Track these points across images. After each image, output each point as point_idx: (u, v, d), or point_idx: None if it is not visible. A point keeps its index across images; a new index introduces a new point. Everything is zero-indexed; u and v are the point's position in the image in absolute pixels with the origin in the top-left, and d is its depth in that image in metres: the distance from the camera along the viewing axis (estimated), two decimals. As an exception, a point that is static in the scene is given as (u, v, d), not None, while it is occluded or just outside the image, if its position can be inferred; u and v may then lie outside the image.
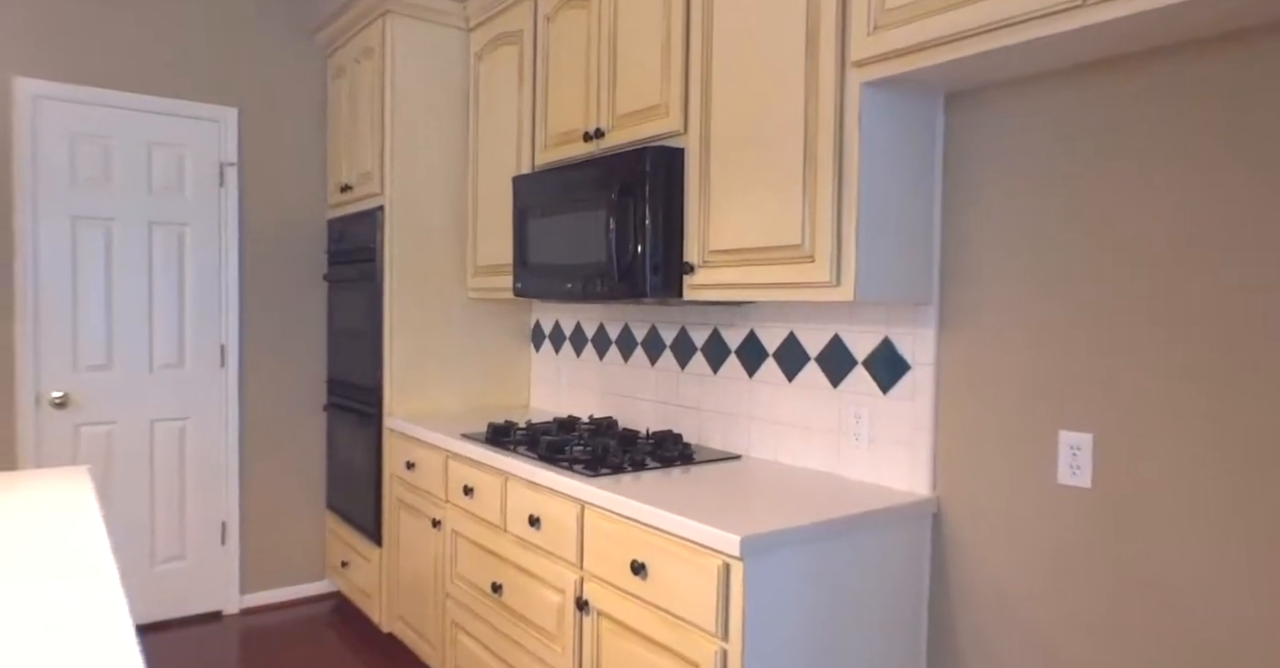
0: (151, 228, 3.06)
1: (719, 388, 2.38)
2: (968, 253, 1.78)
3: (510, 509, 2.18)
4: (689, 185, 2.03)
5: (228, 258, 3.19)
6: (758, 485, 1.91)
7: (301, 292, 3.37)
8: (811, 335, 2.11)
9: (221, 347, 3.19)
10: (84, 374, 2.93)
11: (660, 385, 2.60)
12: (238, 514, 3.21)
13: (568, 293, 2.30)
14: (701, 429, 2.44)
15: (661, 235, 2.04)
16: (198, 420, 3.14)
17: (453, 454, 2.49)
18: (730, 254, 1.91)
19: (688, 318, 2.49)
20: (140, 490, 3.03)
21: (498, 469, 2.25)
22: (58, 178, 2.88)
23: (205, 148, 3.15)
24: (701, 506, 1.70)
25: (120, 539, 3.00)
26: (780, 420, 2.19)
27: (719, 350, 2.38)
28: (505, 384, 3.16)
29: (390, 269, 2.89)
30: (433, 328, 2.97)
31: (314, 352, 3.40)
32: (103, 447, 2.96)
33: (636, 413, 2.69)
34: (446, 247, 3.00)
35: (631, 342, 2.72)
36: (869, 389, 1.97)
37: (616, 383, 2.78)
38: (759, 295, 1.85)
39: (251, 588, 3.26)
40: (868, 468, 1.97)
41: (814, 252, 1.71)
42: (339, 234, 3.27)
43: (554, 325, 3.11)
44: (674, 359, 2.55)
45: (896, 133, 1.72)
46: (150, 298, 3.05)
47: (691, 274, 2.02)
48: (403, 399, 2.92)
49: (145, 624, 3.07)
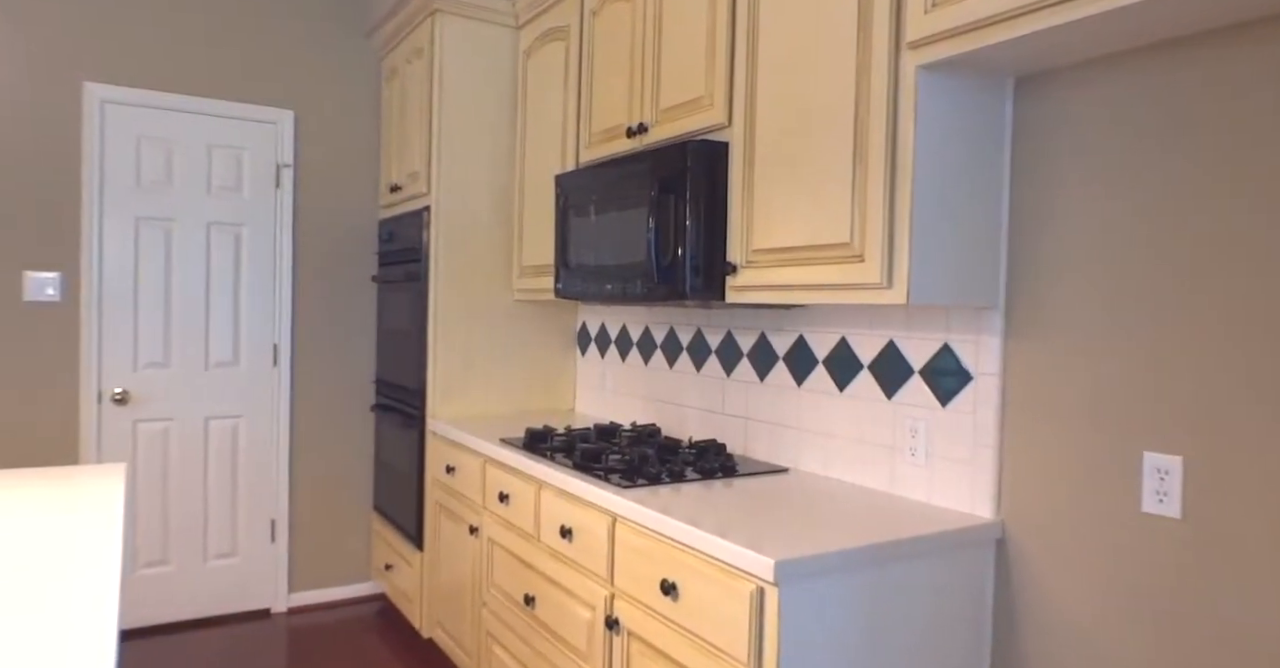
0: (210, 228, 3.11)
1: (766, 396, 2.25)
2: (1040, 253, 1.61)
3: (543, 518, 2.10)
4: (732, 181, 1.91)
5: (282, 258, 3.22)
6: (803, 503, 1.77)
7: (352, 292, 3.38)
8: (864, 342, 1.96)
9: (274, 346, 3.22)
10: (143, 371, 2.99)
11: (705, 392, 2.48)
12: (287, 513, 3.24)
13: (608, 294, 2.21)
14: (747, 439, 2.31)
15: (703, 234, 1.93)
16: (250, 418, 3.18)
17: (490, 460, 2.42)
18: (775, 253, 1.78)
19: (734, 322, 2.37)
20: (194, 486, 3.08)
21: (531, 477, 2.18)
22: (123, 180, 2.95)
23: (262, 149, 3.19)
24: (739, 523, 1.58)
25: (175, 534, 3.05)
26: (830, 432, 2.04)
27: (766, 356, 2.25)
28: (550, 388, 3.09)
29: (436, 269, 2.86)
30: (478, 329, 2.93)
31: (364, 352, 3.41)
32: (159, 443, 3.02)
33: (681, 420, 2.58)
34: (493, 247, 2.95)
35: (676, 346, 2.61)
36: (926, 401, 1.81)
37: (661, 389, 2.68)
38: (806, 297, 1.71)
39: (299, 587, 3.28)
40: (924, 487, 1.81)
41: (864, 250, 1.57)
42: (389, 235, 3.26)
43: (600, 328, 3.02)
44: (719, 365, 2.43)
45: (957, 121, 1.57)
46: (207, 297, 3.10)
47: (734, 275, 1.90)
48: (446, 402, 2.88)
49: (197, 620, 3.11)
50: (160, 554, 3.03)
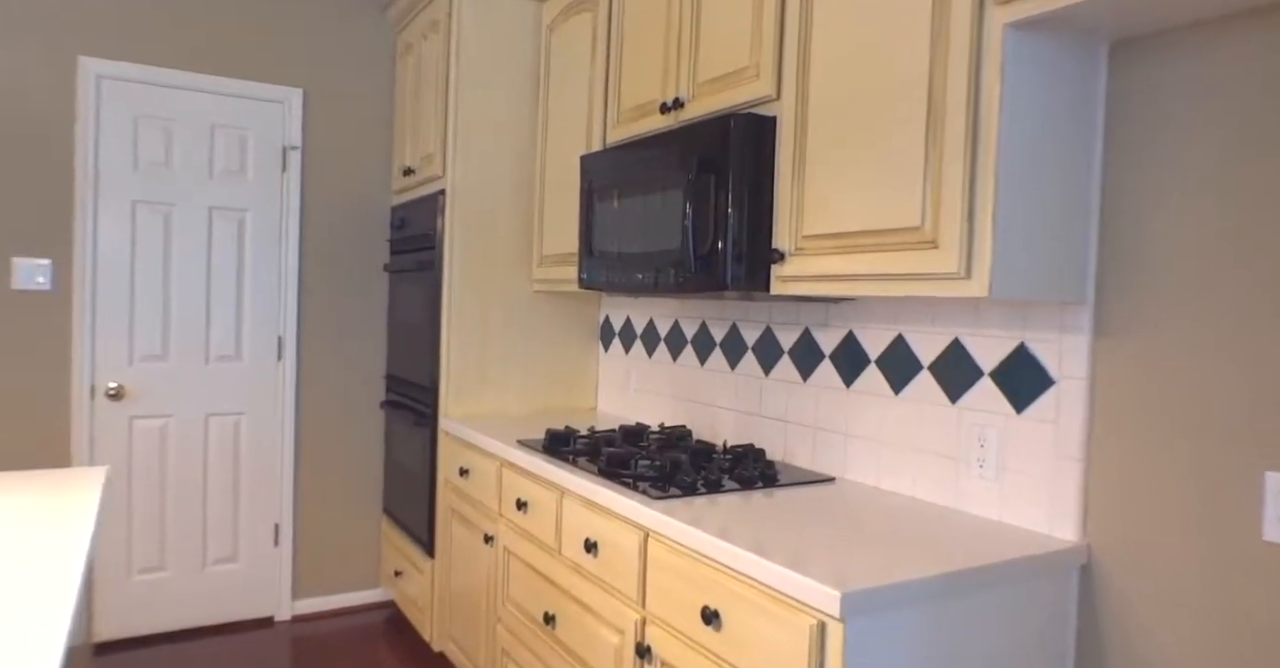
0: (212, 214, 2.94)
1: (809, 398, 2.06)
2: (1141, 241, 1.41)
3: (566, 530, 1.92)
4: (781, 159, 1.72)
5: (288, 246, 3.05)
6: (856, 518, 1.58)
7: (362, 282, 3.21)
8: (925, 340, 1.77)
9: (279, 339, 3.06)
10: (139, 365, 2.83)
11: (741, 393, 2.29)
12: (291, 515, 3.07)
13: (638, 285, 2.02)
14: (788, 444, 2.12)
15: (747, 218, 1.74)
16: (253, 415, 3.01)
17: (507, 463, 2.24)
18: (830, 240, 1.59)
19: (774, 316, 2.18)
20: (193, 487, 2.92)
21: (553, 483, 1.99)
22: (119, 161, 2.78)
23: (268, 130, 3.02)
24: (790, 543, 1.39)
25: (172, 538, 2.89)
26: (883, 439, 1.85)
27: (810, 355, 2.06)
28: (571, 386, 2.91)
29: (450, 258, 2.68)
30: (494, 322, 2.75)
31: (374, 346, 3.24)
32: (156, 441, 2.86)
33: (713, 422, 2.39)
34: (512, 234, 2.77)
35: (709, 342, 2.42)
36: (998, 407, 1.61)
37: (691, 388, 2.49)
38: (865, 290, 1.52)
39: (304, 594, 3.11)
40: (993, 503, 1.61)
41: (937, 236, 1.38)
42: (401, 221, 3.09)
43: (624, 322, 2.84)
44: (757, 363, 2.23)
45: (1046, 90, 1.37)
46: (208, 287, 2.94)
47: (781, 263, 1.71)
48: (459, 399, 2.70)
49: (196, 628, 2.95)
50: (157, 560, 2.87)
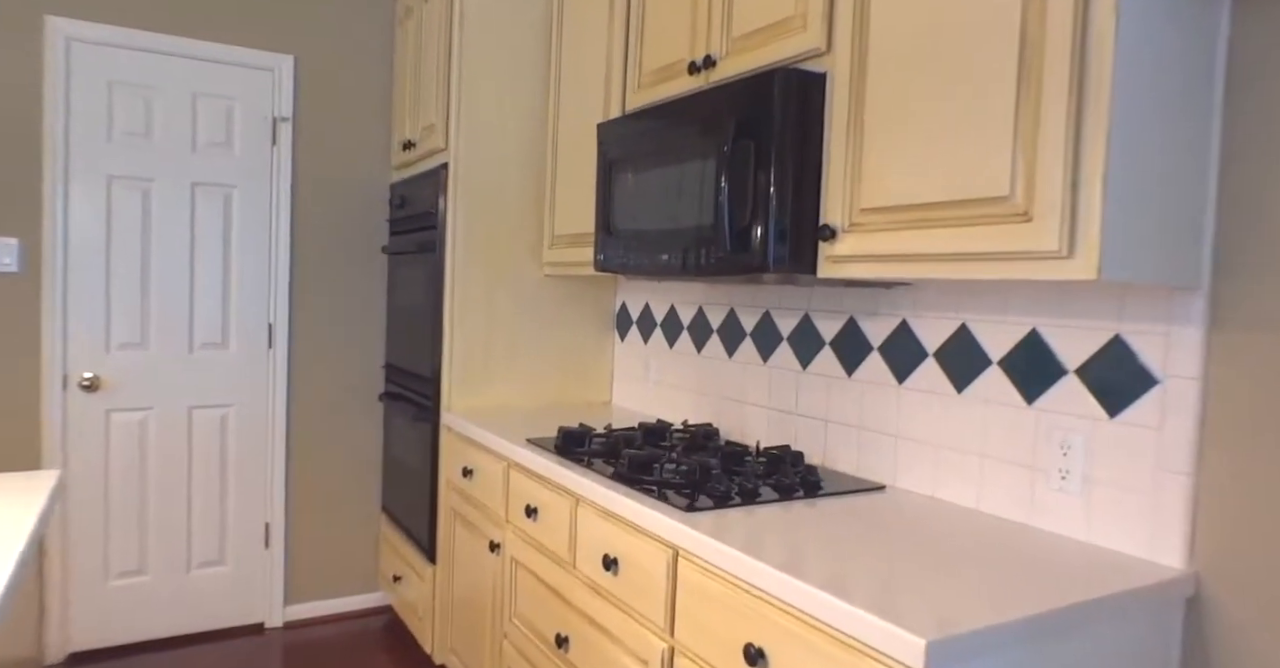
0: (195, 190, 2.72)
1: (854, 395, 1.84)
2: (1265, 216, 1.18)
3: (581, 542, 1.71)
4: (832, 121, 1.48)
5: (278, 225, 2.83)
6: (918, 537, 1.36)
7: (360, 265, 2.99)
8: (994, 330, 1.54)
9: (269, 326, 2.84)
10: (116, 354, 2.62)
11: (774, 387, 2.07)
12: (283, 515, 2.87)
13: (663, 267, 1.79)
14: (828, 447, 1.90)
15: (790, 190, 1.51)
16: (241, 408, 2.81)
17: (514, 464, 2.03)
18: (892, 213, 1.36)
19: (814, 303, 1.95)
20: (176, 485, 2.72)
21: (566, 489, 1.78)
22: (92, 132, 2.56)
23: (257, 100, 2.79)
24: (846, 569, 1.18)
25: (154, 540, 2.69)
26: (942, 443, 1.63)
27: (856, 346, 1.84)
28: (584, 378, 2.69)
29: (453, 238, 2.46)
30: (501, 308, 2.53)
31: (372, 333, 3.02)
32: (135, 435, 2.65)
33: (742, 420, 2.17)
34: (521, 212, 2.55)
35: (738, 331, 2.20)
36: (1085, 409, 1.39)
37: (718, 382, 2.27)
38: (934, 271, 1.29)
39: (297, 598, 2.92)
40: (1077, 520, 1.39)
41: (1031, 206, 1.15)
42: (401, 199, 2.86)
43: (642, 308, 2.61)
44: (793, 355, 2.01)
45: (1164, 38, 1.13)
46: (191, 269, 2.72)
47: (831, 242, 1.48)
48: (463, 392, 2.48)
49: (180, 636, 2.76)
50: (136, 563, 2.67)
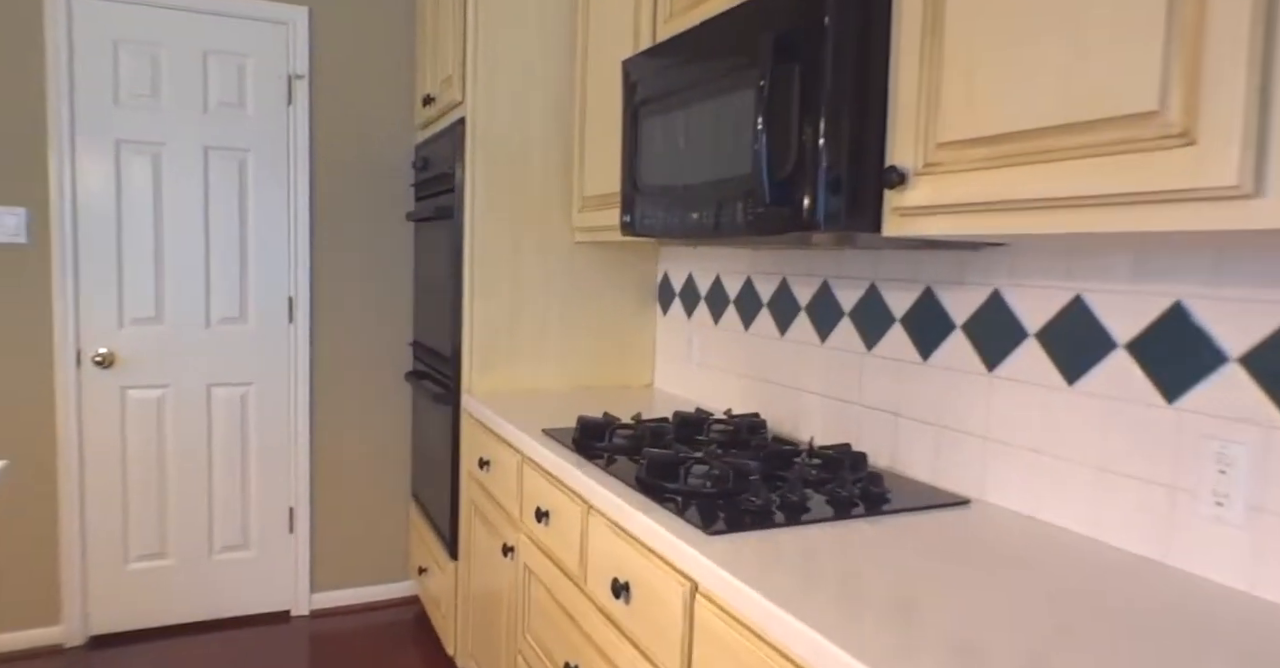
0: (208, 154, 2.54)
1: (931, 384, 1.49)
2: None
3: (591, 558, 1.44)
4: (900, 33, 1.13)
5: (297, 191, 2.63)
6: (1021, 578, 1.03)
7: (384, 234, 2.77)
8: (1121, 304, 1.17)
9: (289, 299, 2.66)
10: (130, 329, 2.48)
11: (833, 372, 1.73)
12: (308, 498, 2.71)
13: (693, 227, 1.48)
14: (898, 447, 1.56)
15: (846, 124, 1.17)
16: (262, 386, 2.65)
17: (528, 459, 1.77)
18: (985, 146, 1.01)
19: (881, 270, 1.60)
20: (196, 466, 2.58)
21: (576, 493, 1.51)
22: (98, 94, 2.40)
23: (271, 57, 2.58)
24: (923, 635, 0.86)
25: (174, 523, 2.57)
26: (1046, 449, 1.27)
27: (934, 324, 1.48)
28: (623, 358, 2.41)
29: (472, 201, 2.19)
30: (528, 279, 2.26)
31: (398, 307, 2.81)
32: (152, 414, 2.52)
33: (795, 410, 1.85)
34: (547, 172, 2.26)
35: (791, 305, 1.86)
36: (1253, 411, 1.01)
37: (767, 364, 1.95)
38: (1040, 224, 0.94)
39: (324, 586, 2.77)
40: (1238, 562, 1.03)
41: (1193, 124, 0.78)
42: (424, 161, 2.62)
43: (685, 279, 2.30)
44: (856, 334, 1.67)
45: None
46: (206, 239, 2.55)
47: (901, 189, 1.14)
48: (485, 372, 2.24)
49: (202, 622, 2.65)
50: (157, 546, 2.56)
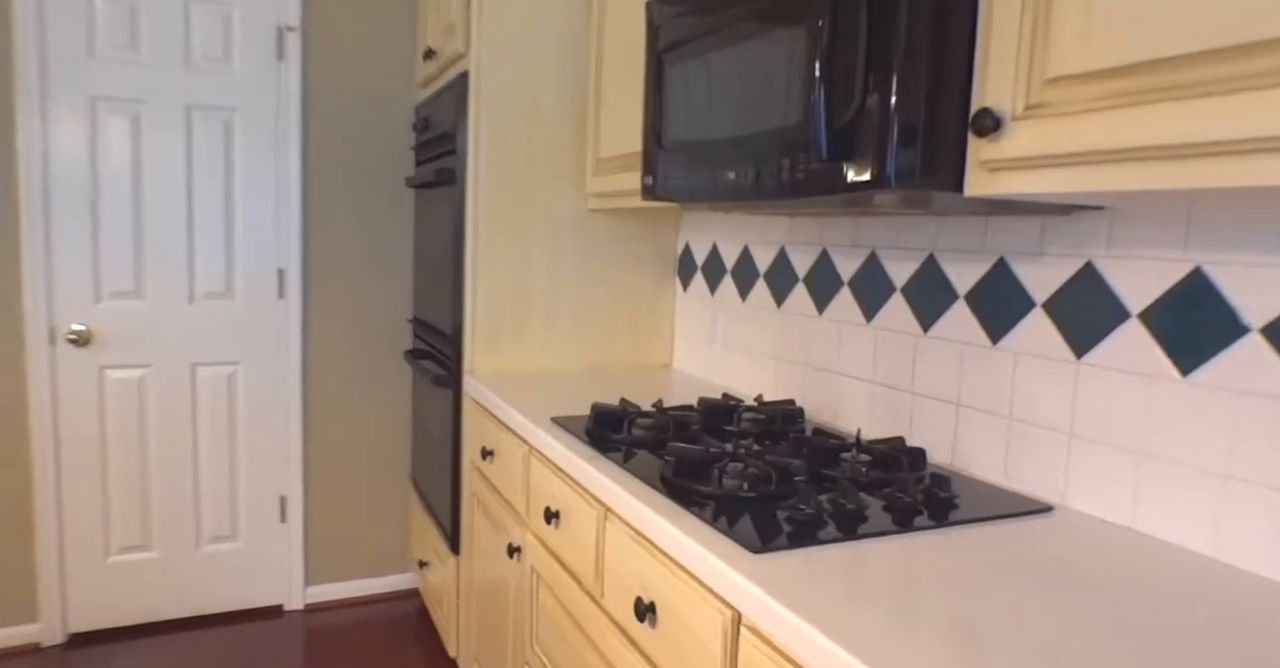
0: (190, 114, 2.34)
1: (1002, 370, 1.29)
2: None
3: (610, 570, 1.25)
4: (1001, -64, 0.92)
5: (288, 155, 2.43)
6: (1146, 609, 0.84)
7: (383, 201, 2.57)
8: (1254, 280, 0.97)
9: (280, 272, 2.47)
10: (108, 304, 2.30)
11: (883, 356, 1.54)
12: (301, 486, 2.55)
13: (729, 189, 1.27)
14: (959, 441, 1.37)
15: (924, 60, 0.96)
16: (251, 365, 2.47)
17: (534, 450, 1.59)
18: (1110, 80, 0.80)
19: (942, 239, 1.40)
20: (181, 451, 2.42)
21: (592, 494, 1.32)
22: (70, 47, 2.20)
23: (259, 7, 2.36)
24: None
25: (158, 513, 2.41)
26: (1148, 450, 1.08)
27: (1008, 301, 1.28)
28: (639, 336, 2.21)
29: (475, 164, 1.99)
30: (537, 251, 2.07)
31: (397, 280, 2.62)
32: (133, 395, 2.35)
33: (835, 397, 1.65)
34: (558, 132, 2.05)
35: (831, 279, 1.66)
36: None
37: (803, 345, 1.75)
38: (1186, 177, 0.74)
39: (319, 579, 2.61)
40: None
41: None
42: (425, 122, 2.41)
43: (709, 250, 2.10)
44: (911, 313, 1.47)
45: None
46: (189, 206, 2.36)
47: (994, 137, 0.93)
48: (490, 352, 2.05)
49: (189, 618, 2.50)
50: (140, 538, 2.40)
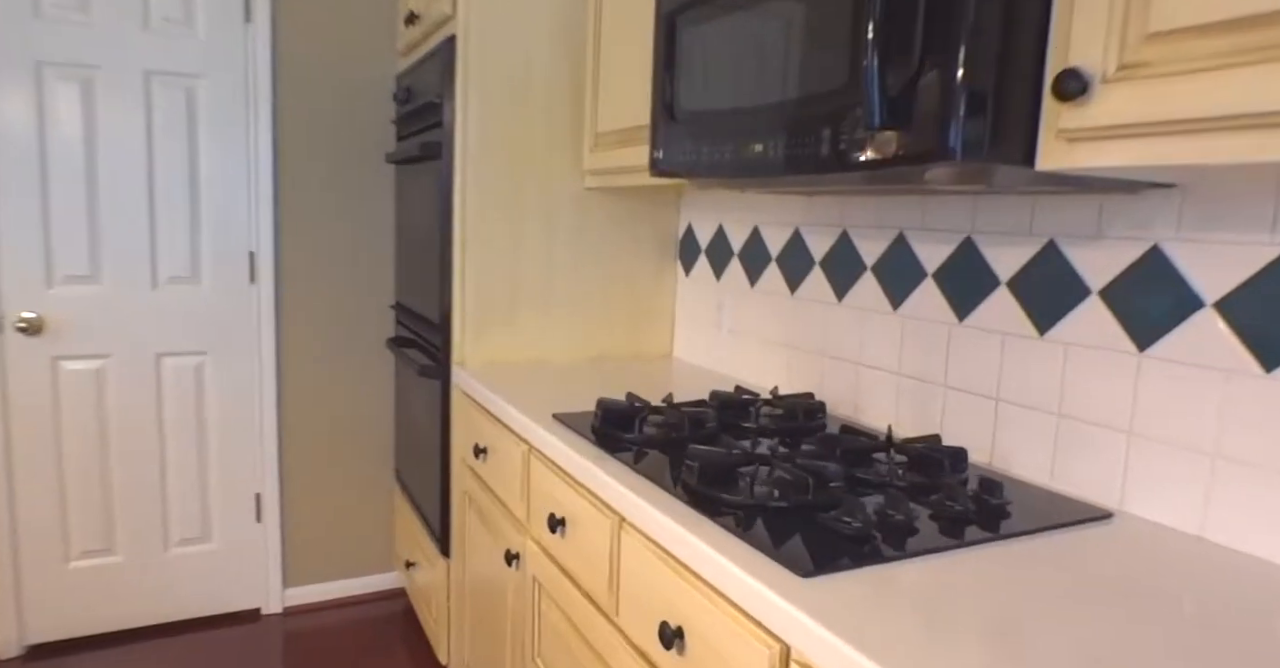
0: (150, 81, 2.15)
1: (1048, 362, 1.18)
2: None
3: (627, 587, 1.14)
4: None
5: (258, 127, 2.26)
6: (1232, 633, 0.74)
7: (362, 178, 2.41)
8: (1362, 263, 0.87)
9: (250, 255, 2.31)
10: (61, 289, 2.13)
11: (911, 345, 1.42)
12: (276, 482, 2.40)
13: (756, 163, 1.14)
14: (999, 439, 1.27)
15: (994, 19, 0.84)
16: (220, 355, 2.31)
17: (535, 450, 1.46)
18: (1227, 33, 0.68)
19: (982, 218, 1.29)
20: (146, 448, 2.25)
21: (605, 502, 1.20)
22: (13, 5, 2.00)
23: (222, -35, 2.18)
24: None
25: (122, 514, 2.25)
26: (1222, 451, 0.98)
27: (1058, 288, 1.17)
28: (638, 324, 2.09)
29: (463, 137, 1.84)
30: (530, 233, 1.93)
31: (379, 264, 2.47)
32: (91, 388, 2.18)
33: (855, 390, 1.54)
34: (552, 103, 1.91)
35: (853, 263, 1.55)
36: None
37: (819, 334, 1.63)
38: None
39: (298, 580, 2.47)
40: None
41: None
42: (406, 92, 2.25)
43: (715, 232, 1.97)
44: (944, 299, 1.36)
45: None
46: (150, 183, 2.18)
47: (1080, 101, 0.81)
48: (480, 341, 1.92)
49: (158, 626, 2.35)
50: (102, 541, 2.24)
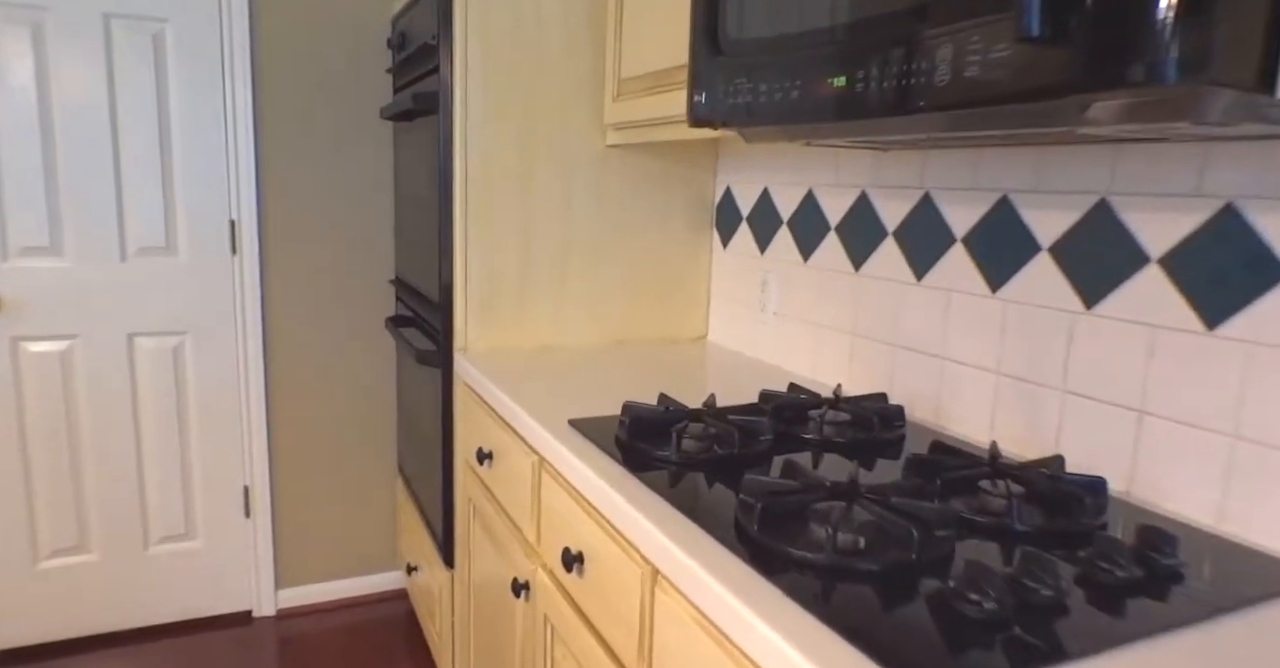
0: (109, 25, 1.89)
1: (1220, 367, 0.90)
2: None
3: (661, 656, 0.88)
4: None
5: (235, 79, 1.99)
6: None
7: (355, 137, 2.14)
8: None
9: (232, 223, 2.06)
10: (17, 263, 1.89)
11: (1014, 338, 1.14)
12: (267, 475, 2.18)
13: (836, 103, 0.86)
14: (1138, 461, 0.99)
15: None
16: (201, 335, 2.07)
17: (547, 464, 1.21)
18: None
19: (1123, 177, 0.99)
20: (120, 437, 2.04)
21: (632, 544, 0.94)
22: (-52, -66, 1.74)
23: (190, -112, 1.89)
24: None
25: (97, 510, 2.04)
26: None
27: (1235, 268, 0.88)
28: (666, 303, 1.82)
29: (464, 86, 1.56)
30: (542, 197, 1.66)
31: (376, 232, 2.21)
32: (56, 372, 1.96)
33: (938, 390, 1.27)
34: (570, 48, 1.62)
35: (938, 233, 1.26)
36: None
37: (891, 320, 1.35)
38: None
39: (292, 581, 2.27)
40: None
41: None
42: (401, 38, 1.97)
43: (759, 197, 1.69)
44: (1065, 279, 1.07)
45: None
46: (115, 141, 1.93)
47: (1380, -14, 0.52)
48: (486, 324, 1.66)
49: (138, 630, 2.15)
50: (75, 538, 2.04)
